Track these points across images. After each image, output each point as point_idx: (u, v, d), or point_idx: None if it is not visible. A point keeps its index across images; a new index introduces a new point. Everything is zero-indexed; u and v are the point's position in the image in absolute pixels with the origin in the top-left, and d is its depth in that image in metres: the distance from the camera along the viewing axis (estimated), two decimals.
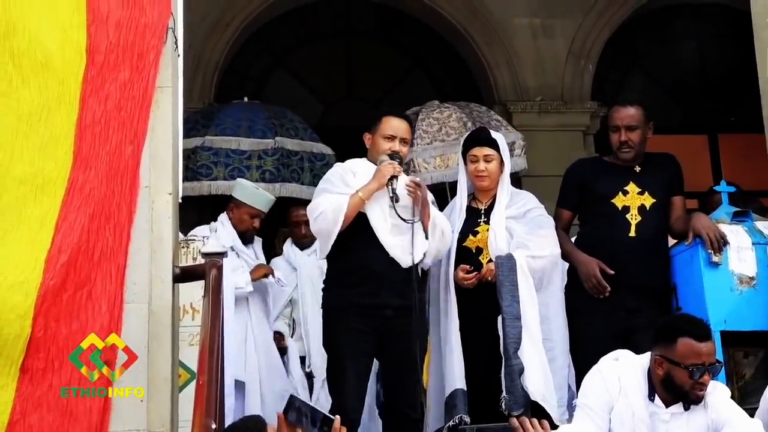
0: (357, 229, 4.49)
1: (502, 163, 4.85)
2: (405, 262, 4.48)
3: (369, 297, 4.44)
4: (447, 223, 4.70)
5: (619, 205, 4.89)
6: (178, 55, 4.21)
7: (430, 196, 4.76)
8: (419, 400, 4.43)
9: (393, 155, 4.60)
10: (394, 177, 4.51)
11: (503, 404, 4.41)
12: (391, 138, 4.65)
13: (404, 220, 4.46)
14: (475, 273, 4.66)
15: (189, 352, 4.53)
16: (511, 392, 4.42)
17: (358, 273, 4.50)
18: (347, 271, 4.55)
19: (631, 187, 4.92)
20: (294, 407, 3.08)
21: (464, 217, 4.84)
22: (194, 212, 6.45)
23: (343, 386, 4.42)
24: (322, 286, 4.75)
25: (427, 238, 4.53)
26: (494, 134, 4.97)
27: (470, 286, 4.65)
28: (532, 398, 4.40)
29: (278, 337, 5.78)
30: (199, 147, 6.83)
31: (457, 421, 4.43)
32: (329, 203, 4.50)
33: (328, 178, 4.71)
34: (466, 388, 4.53)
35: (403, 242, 4.49)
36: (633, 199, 4.89)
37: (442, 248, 4.68)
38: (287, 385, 5.50)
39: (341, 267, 4.60)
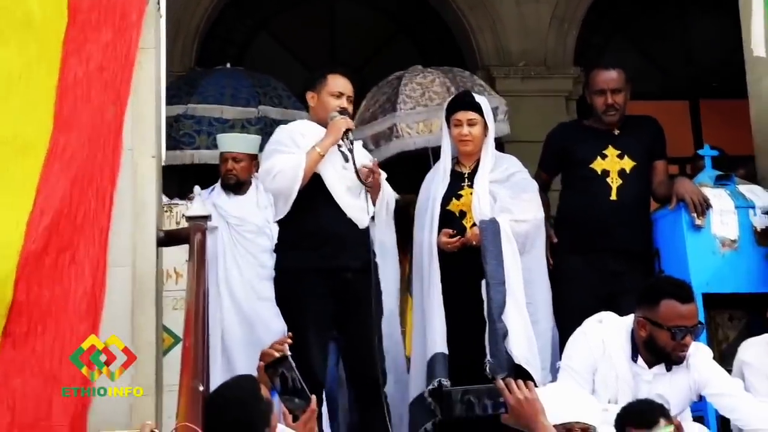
0: (311, 191, 4.46)
1: (485, 127, 4.84)
2: (362, 222, 4.48)
3: (329, 260, 4.41)
4: (392, 194, 4.73)
5: (599, 169, 4.90)
6: (161, 16, 4.16)
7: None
8: (380, 364, 4.43)
9: (343, 111, 4.57)
10: (348, 130, 4.51)
11: (487, 368, 4.43)
12: (339, 95, 4.61)
13: (363, 183, 4.48)
14: (458, 237, 4.66)
15: (173, 316, 4.52)
16: (495, 356, 4.44)
17: (316, 235, 4.46)
18: (304, 234, 4.50)
19: (610, 151, 4.92)
20: (281, 366, 3.10)
21: (448, 181, 4.83)
22: (176, 182, 6.40)
23: (308, 350, 4.32)
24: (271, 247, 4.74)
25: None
26: (478, 98, 4.96)
27: (453, 250, 4.65)
28: (516, 362, 4.42)
29: None
30: (182, 115, 6.77)
31: (436, 384, 4.45)
32: (286, 161, 4.45)
33: (278, 139, 4.64)
34: (447, 352, 4.55)
35: (358, 202, 4.49)
36: (612, 163, 4.90)
37: (386, 214, 4.72)
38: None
39: (297, 229, 4.54)
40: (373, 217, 4.59)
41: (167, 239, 3.98)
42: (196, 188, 5.17)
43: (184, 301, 3.74)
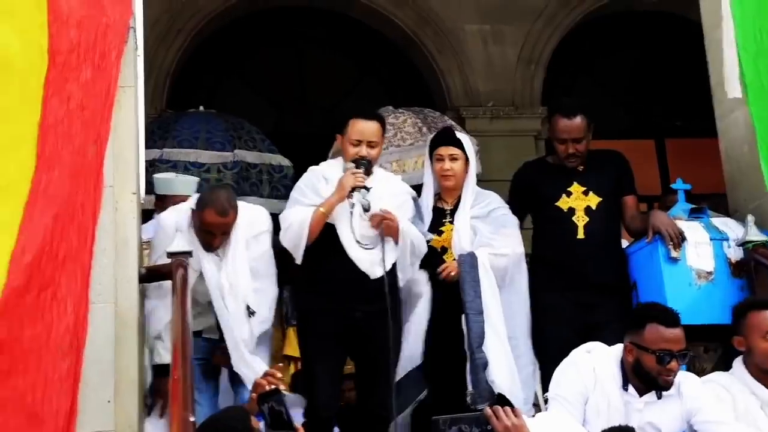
0: (326, 240, 4.47)
1: (467, 162, 4.88)
2: (374, 274, 4.45)
3: (337, 303, 4.42)
4: (419, 237, 4.64)
5: (564, 207, 4.92)
6: (139, 56, 4.20)
7: (412, 193, 4.77)
8: (390, 400, 4.43)
9: (359, 162, 4.56)
10: (356, 188, 4.48)
11: (468, 399, 4.44)
12: (358, 143, 4.59)
13: (363, 246, 4.48)
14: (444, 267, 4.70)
15: None
16: (476, 387, 4.45)
17: (326, 282, 4.48)
18: (315, 280, 4.53)
19: (575, 188, 4.94)
20: (273, 398, 3.11)
21: (430, 218, 4.87)
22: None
23: (313, 386, 4.44)
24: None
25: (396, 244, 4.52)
26: (459, 135, 5.01)
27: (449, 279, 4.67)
28: (498, 391, 4.44)
29: None
30: (157, 160, 6.72)
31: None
32: (296, 216, 4.48)
33: (300, 186, 4.66)
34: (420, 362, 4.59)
35: (371, 255, 4.46)
36: (578, 200, 4.92)
37: (415, 260, 4.64)
38: None
39: (310, 275, 4.56)
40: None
41: (149, 275, 3.99)
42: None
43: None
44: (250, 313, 4.37)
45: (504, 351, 4.55)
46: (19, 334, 3.56)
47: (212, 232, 4.34)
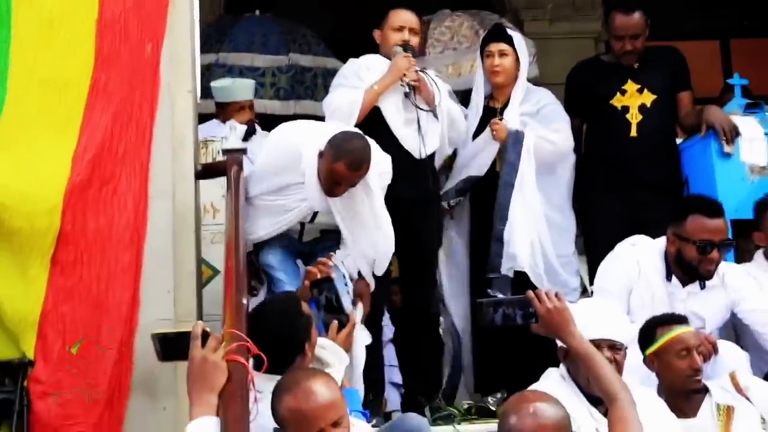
0: (370, 123, 4.52)
1: (517, 60, 4.88)
2: (420, 153, 4.53)
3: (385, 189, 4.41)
4: (457, 110, 4.74)
5: (618, 105, 4.93)
6: None
7: (447, 87, 4.81)
8: (436, 297, 4.52)
9: (406, 47, 4.63)
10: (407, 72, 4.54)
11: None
12: (401, 29, 4.69)
13: (421, 108, 4.52)
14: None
15: (211, 249, 4.63)
16: (489, 256, 4.53)
17: None
18: None
19: (630, 86, 4.94)
20: (324, 285, 3.21)
21: (480, 116, 4.89)
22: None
23: None
24: None
25: (436, 118, 4.57)
26: (510, 31, 5.00)
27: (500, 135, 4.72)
28: (514, 263, 4.49)
29: None
30: (213, 64, 6.78)
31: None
32: (344, 98, 4.54)
33: (343, 73, 4.73)
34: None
35: (416, 134, 4.54)
36: (632, 98, 4.92)
37: (455, 136, 4.74)
38: None
39: None
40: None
41: (205, 172, 4.10)
42: (231, 122, 5.25)
43: (224, 230, 3.85)
44: None
45: (530, 228, 4.58)
46: (82, 226, 3.68)
47: (340, 183, 4.05)
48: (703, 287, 3.84)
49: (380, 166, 4.15)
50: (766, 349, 3.89)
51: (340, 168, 3.96)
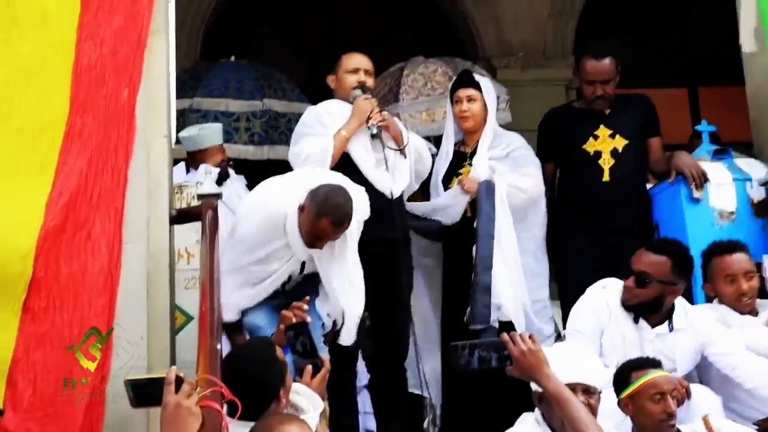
0: (340, 167, 4.54)
1: (485, 105, 4.94)
2: (390, 193, 4.56)
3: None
4: (422, 144, 4.80)
5: (591, 150, 4.99)
6: (170, 1, 4.26)
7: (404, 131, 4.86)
8: (407, 336, 4.52)
9: (363, 88, 4.69)
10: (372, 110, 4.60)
11: (465, 318, 4.54)
12: (355, 71, 4.75)
13: (391, 148, 4.58)
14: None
15: (185, 295, 4.60)
16: (473, 308, 4.53)
17: None
18: None
19: (602, 131, 5.01)
20: (299, 330, 3.21)
21: (449, 160, 4.94)
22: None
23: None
24: None
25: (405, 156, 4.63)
26: (478, 77, 5.07)
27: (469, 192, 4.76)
28: (500, 314, 4.51)
29: None
30: (188, 109, 6.81)
31: None
32: (314, 146, 4.56)
33: (304, 122, 4.76)
34: None
35: (386, 174, 4.58)
36: (604, 143, 4.98)
37: (421, 169, 4.79)
38: None
39: None
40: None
41: (180, 217, 4.09)
42: (206, 166, 5.26)
43: (198, 274, 3.84)
44: None
45: (511, 277, 4.61)
46: (55, 272, 3.67)
47: (321, 238, 4.05)
48: (671, 329, 3.90)
49: (359, 213, 4.17)
50: (746, 389, 3.89)
51: (324, 225, 3.98)
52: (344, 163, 4.58)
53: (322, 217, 3.96)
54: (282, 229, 4.06)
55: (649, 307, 3.92)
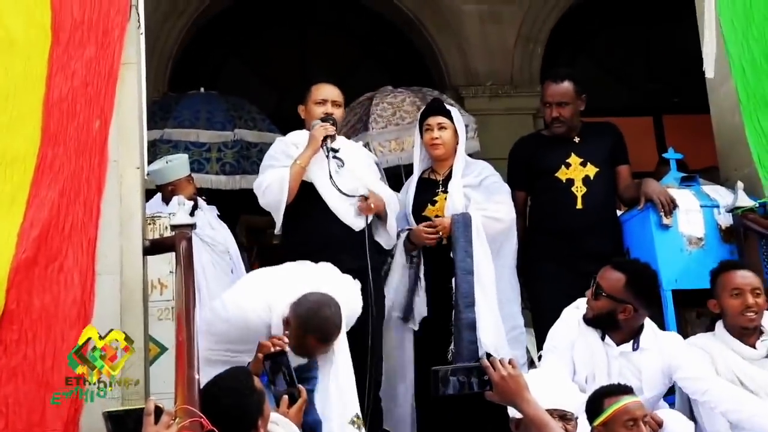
0: (307, 198, 4.59)
1: (456, 133, 4.98)
2: (357, 226, 4.59)
3: (324, 259, 4.38)
4: (393, 198, 4.82)
5: (563, 178, 5.04)
6: (141, 33, 4.29)
7: (373, 157, 4.96)
8: (381, 364, 4.52)
9: (326, 118, 4.73)
10: (327, 137, 4.64)
11: (449, 356, 4.54)
12: (323, 102, 4.80)
13: (345, 194, 4.59)
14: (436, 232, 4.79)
15: (158, 326, 4.57)
16: (458, 344, 4.55)
17: (312, 241, 4.56)
18: (303, 242, 4.60)
19: (573, 159, 5.06)
20: (277, 359, 3.21)
21: (417, 186, 4.99)
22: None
23: None
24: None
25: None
26: (448, 106, 5.12)
27: (431, 243, 4.78)
28: (485, 350, 4.51)
29: None
30: (158, 140, 6.81)
31: None
32: (272, 177, 4.60)
33: (271, 153, 4.80)
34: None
35: (352, 207, 4.61)
36: (576, 171, 5.04)
37: (392, 216, 4.80)
38: None
39: (297, 239, 4.66)
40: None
41: (153, 248, 4.09)
42: (179, 197, 5.25)
43: (172, 305, 3.83)
44: None
45: (492, 312, 4.64)
46: (28, 304, 3.66)
47: (310, 354, 3.85)
48: (635, 348, 3.96)
49: (350, 314, 4.04)
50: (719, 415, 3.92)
51: (311, 342, 3.78)
52: (312, 197, 4.61)
53: (309, 334, 3.74)
54: (265, 335, 3.82)
55: (603, 322, 3.97)
